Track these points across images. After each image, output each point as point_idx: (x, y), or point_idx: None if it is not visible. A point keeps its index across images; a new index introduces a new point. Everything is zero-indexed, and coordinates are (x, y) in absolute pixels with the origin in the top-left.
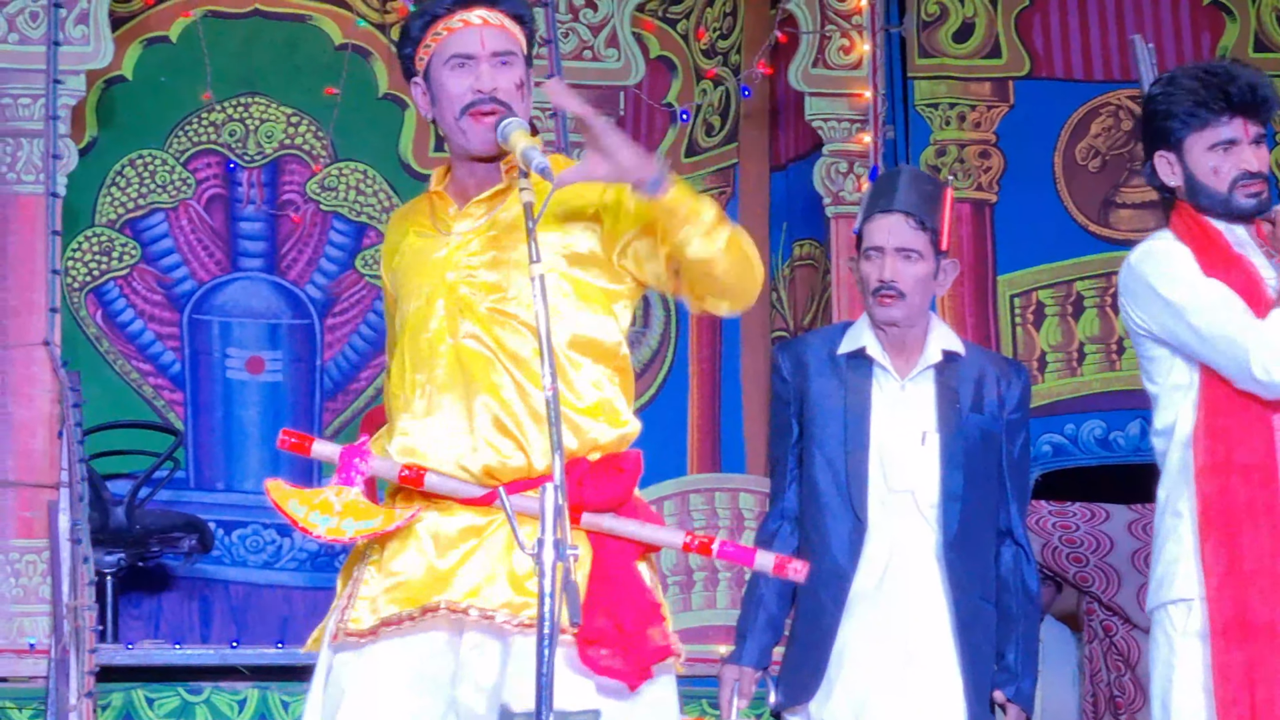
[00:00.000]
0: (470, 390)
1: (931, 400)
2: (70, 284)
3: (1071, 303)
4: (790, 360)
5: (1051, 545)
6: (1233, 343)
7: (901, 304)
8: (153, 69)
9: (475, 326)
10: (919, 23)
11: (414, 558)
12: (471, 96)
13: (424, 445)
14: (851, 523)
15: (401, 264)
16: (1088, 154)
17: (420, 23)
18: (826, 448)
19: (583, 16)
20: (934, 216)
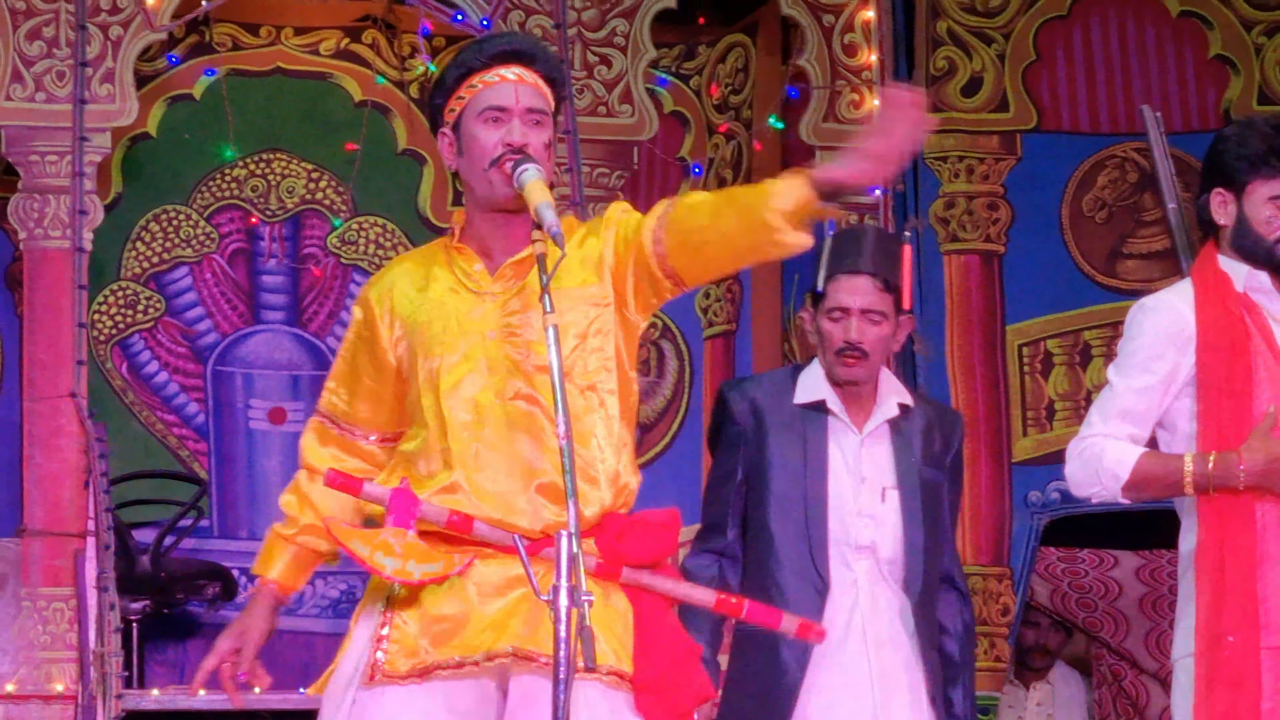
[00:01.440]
0: (520, 448)
1: (889, 456)
2: (96, 337)
3: (1079, 351)
4: (744, 403)
5: (1060, 591)
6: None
7: (865, 364)
8: (176, 126)
9: (524, 386)
10: (928, 77)
11: (457, 604)
12: (502, 149)
13: (476, 499)
14: (814, 581)
15: (424, 316)
16: (1094, 205)
17: (456, 74)
18: (785, 501)
19: (597, 73)
20: (897, 276)
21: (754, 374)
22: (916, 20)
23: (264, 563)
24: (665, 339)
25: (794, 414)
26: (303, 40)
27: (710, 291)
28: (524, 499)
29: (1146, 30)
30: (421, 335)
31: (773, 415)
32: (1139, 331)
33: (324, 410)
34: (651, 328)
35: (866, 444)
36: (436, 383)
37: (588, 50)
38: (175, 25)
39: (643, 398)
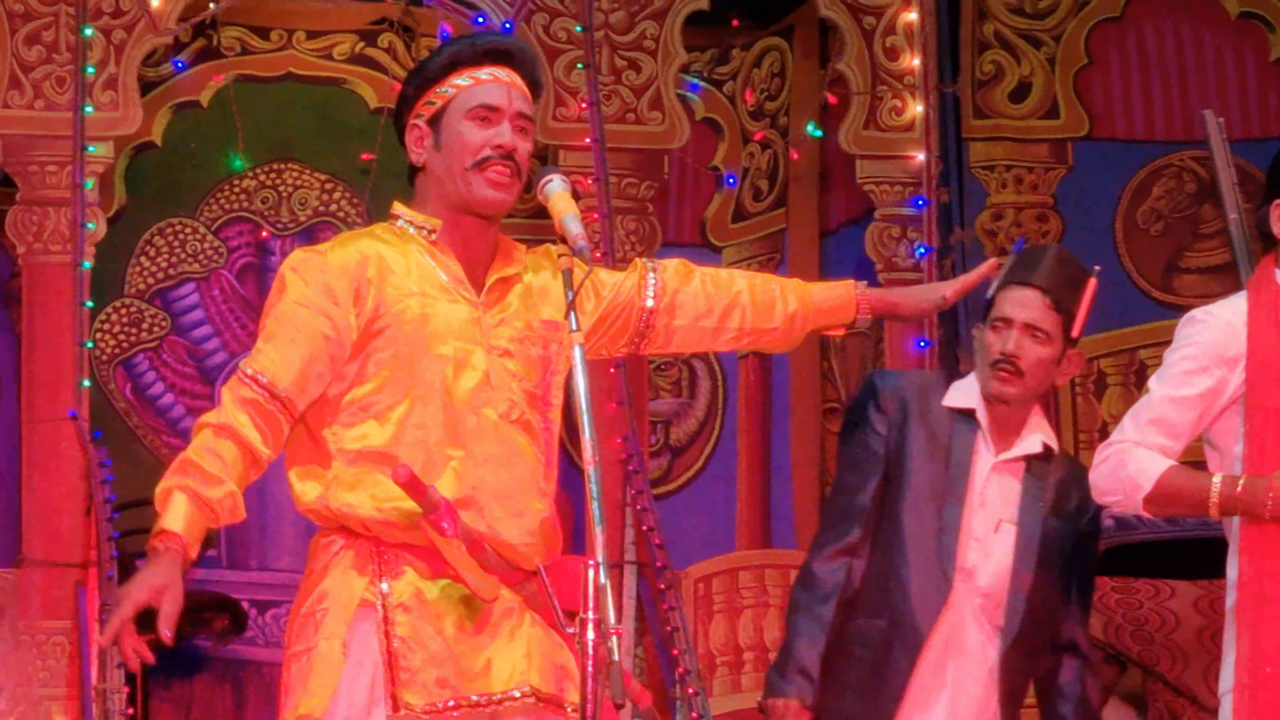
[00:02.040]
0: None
1: (1017, 490)
2: (99, 356)
3: (1134, 371)
4: (892, 395)
5: (1115, 623)
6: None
7: (1018, 383)
8: (183, 135)
9: (525, 410)
10: (974, 82)
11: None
12: (490, 151)
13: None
14: (938, 585)
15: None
16: (1150, 217)
17: (441, 65)
18: (921, 500)
19: (625, 78)
20: (1072, 300)
21: (902, 370)
22: (962, 22)
23: (175, 518)
24: (697, 358)
25: (941, 415)
26: (315, 44)
27: None
28: (523, 526)
29: (1204, 33)
30: (423, 330)
31: (919, 410)
32: (1186, 343)
33: (264, 380)
34: None
35: (998, 470)
36: (449, 390)
37: (616, 54)
38: (181, 29)
39: (673, 420)
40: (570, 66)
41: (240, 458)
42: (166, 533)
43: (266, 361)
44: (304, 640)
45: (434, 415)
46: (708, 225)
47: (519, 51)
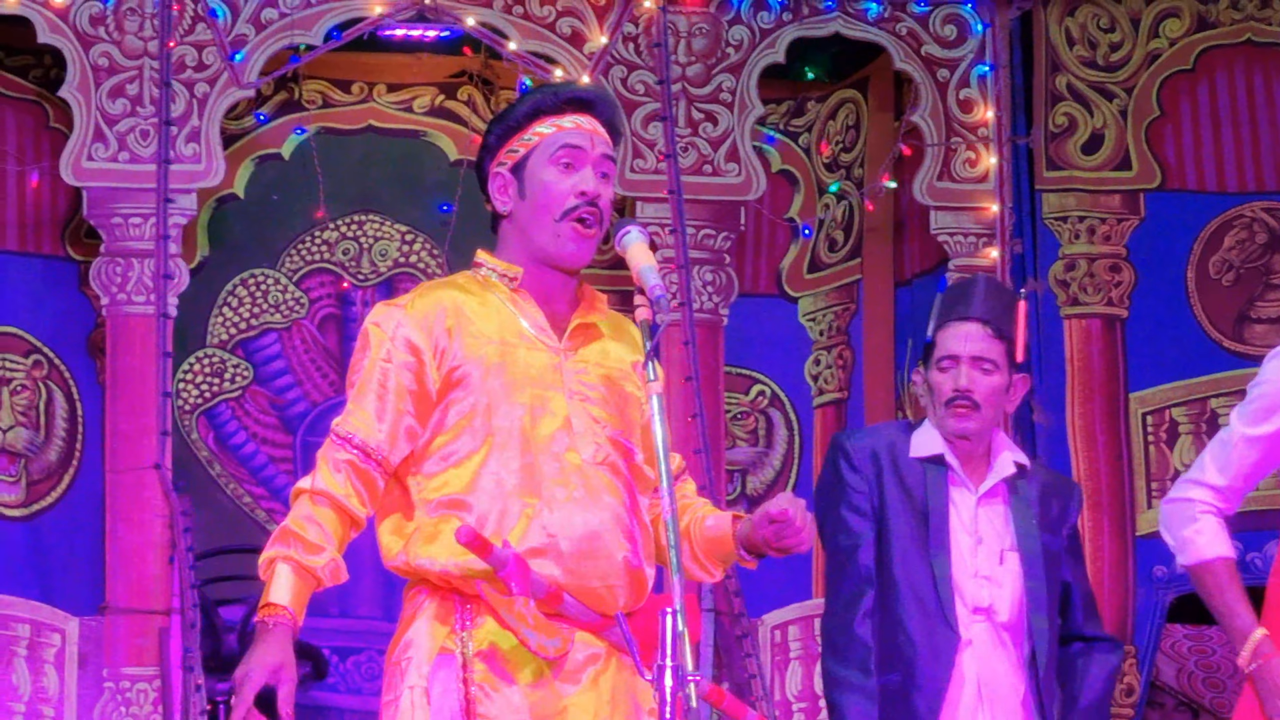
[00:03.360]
0: (613, 518)
1: (1006, 517)
2: (181, 406)
3: (1206, 420)
4: (862, 451)
5: (1187, 670)
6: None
7: (976, 416)
8: (265, 187)
9: (610, 452)
10: (1047, 134)
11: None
12: (575, 200)
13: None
14: (944, 634)
15: (500, 357)
16: (1221, 267)
17: (524, 112)
18: (909, 555)
19: (702, 130)
20: (1010, 326)
21: (865, 427)
22: (1035, 75)
23: (280, 592)
24: (774, 407)
25: (911, 466)
26: (396, 97)
27: (821, 358)
28: (606, 573)
29: (1275, 84)
30: (503, 377)
31: (889, 464)
32: (1266, 379)
33: (357, 440)
34: (760, 395)
35: (983, 503)
36: (527, 435)
37: (693, 107)
38: (263, 82)
39: (750, 469)
40: (648, 119)
41: (339, 522)
42: (273, 605)
43: (358, 422)
44: (392, 689)
45: (511, 462)
46: (784, 276)
47: (600, 99)
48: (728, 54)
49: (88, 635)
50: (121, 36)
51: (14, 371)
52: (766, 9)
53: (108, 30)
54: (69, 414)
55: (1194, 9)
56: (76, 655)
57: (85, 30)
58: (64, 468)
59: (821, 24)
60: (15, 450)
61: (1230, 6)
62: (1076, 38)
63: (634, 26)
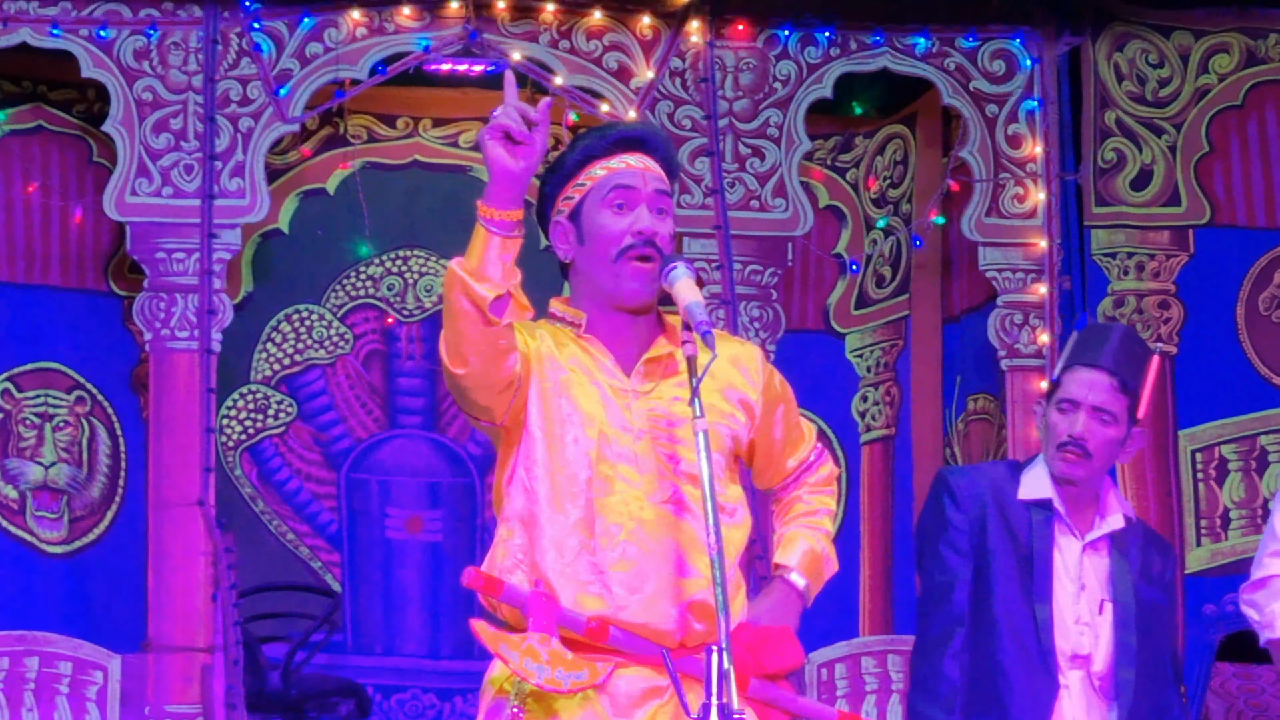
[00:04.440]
0: (672, 553)
1: (1108, 568)
2: (225, 442)
3: (1255, 457)
4: (968, 489)
5: (1236, 709)
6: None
7: (1085, 464)
8: (309, 222)
9: (676, 490)
10: (1095, 170)
11: (594, 718)
12: (631, 239)
13: (619, 603)
14: (1044, 680)
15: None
16: (1271, 303)
17: (576, 159)
18: (1010, 599)
19: (749, 165)
20: (1137, 380)
21: (970, 465)
22: (1084, 111)
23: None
24: (820, 443)
25: (1017, 509)
26: (441, 132)
27: (868, 395)
28: (670, 607)
29: None
30: (572, 404)
31: (996, 507)
32: None
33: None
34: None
35: (1088, 551)
36: (590, 465)
37: (740, 142)
38: (308, 117)
39: None
40: (695, 154)
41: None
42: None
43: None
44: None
45: (577, 494)
46: (831, 312)
47: (650, 136)
48: (775, 89)
49: (130, 672)
50: (165, 71)
51: (57, 408)
52: (814, 44)
53: (152, 65)
54: (112, 450)
55: (1243, 44)
56: (119, 693)
57: (129, 65)
58: (107, 504)
59: (869, 59)
60: (58, 487)
61: (1279, 42)
62: (1125, 73)
63: (681, 61)
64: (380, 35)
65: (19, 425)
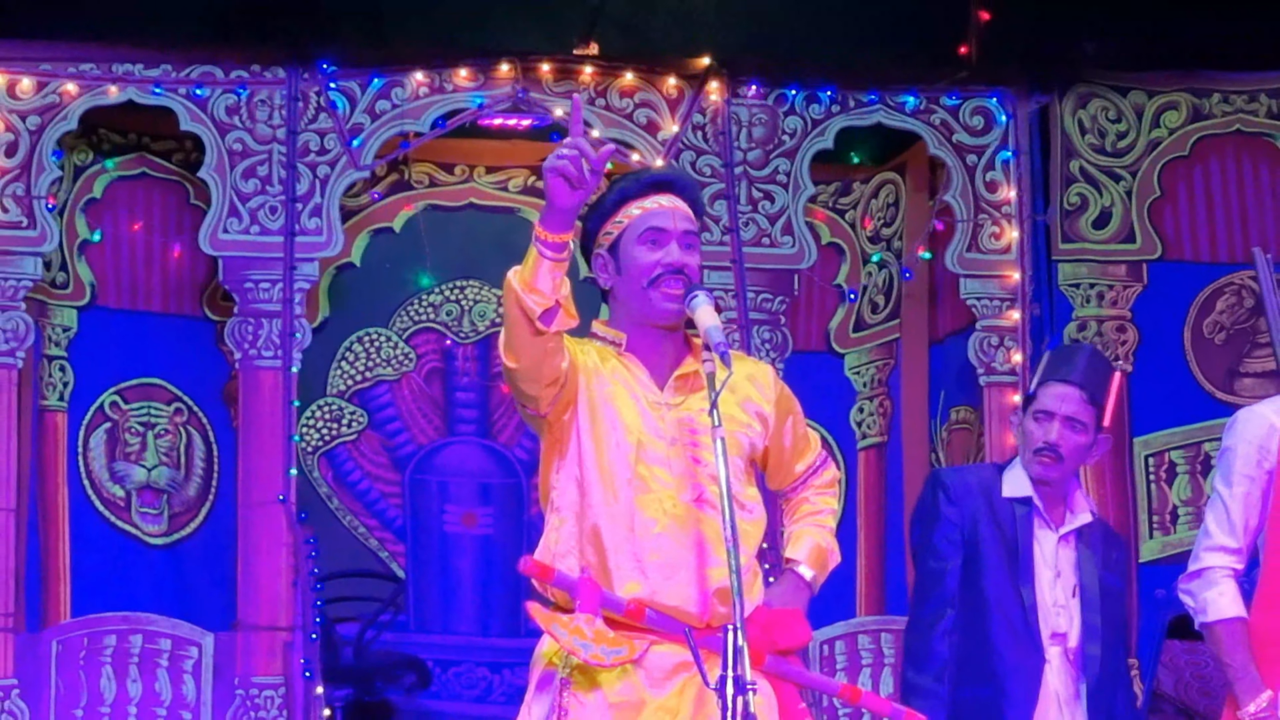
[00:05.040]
0: (697, 544)
1: (1076, 557)
2: (304, 448)
3: (1200, 462)
4: (961, 486)
5: (1184, 680)
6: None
7: (1059, 467)
8: (378, 256)
9: (702, 490)
10: (1062, 212)
11: (630, 689)
12: (662, 269)
13: (654, 588)
14: (1032, 654)
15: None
16: (1214, 328)
17: (613, 200)
18: (1000, 584)
19: (761, 207)
20: (1103, 394)
21: (960, 466)
22: (1052, 160)
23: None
24: (824, 450)
25: (1002, 505)
26: (493, 178)
27: (864, 407)
28: (696, 591)
29: (1261, 169)
30: (612, 412)
31: (982, 501)
32: (1235, 441)
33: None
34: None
35: (1061, 543)
36: (631, 467)
37: (753, 186)
38: (378, 164)
39: None
40: (713, 198)
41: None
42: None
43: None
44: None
45: (621, 493)
46: (832, 335)
47: (679, 179)
48: (783, 141)
49: (222, 649)
50: (253, 124)
51: (158, 418)
52: (817, 101)
53: (241, 119)
54: (206, 455)
55: (1190, 103)
56: (212, 666)
57: (222, 119)
58: (201, 502)
59: (866, 115)
60: (159, 487)
61: (1222, 100)
62: (1088, 127)
63: (702, 117)
64: (440, 94)
65: (125, 433)
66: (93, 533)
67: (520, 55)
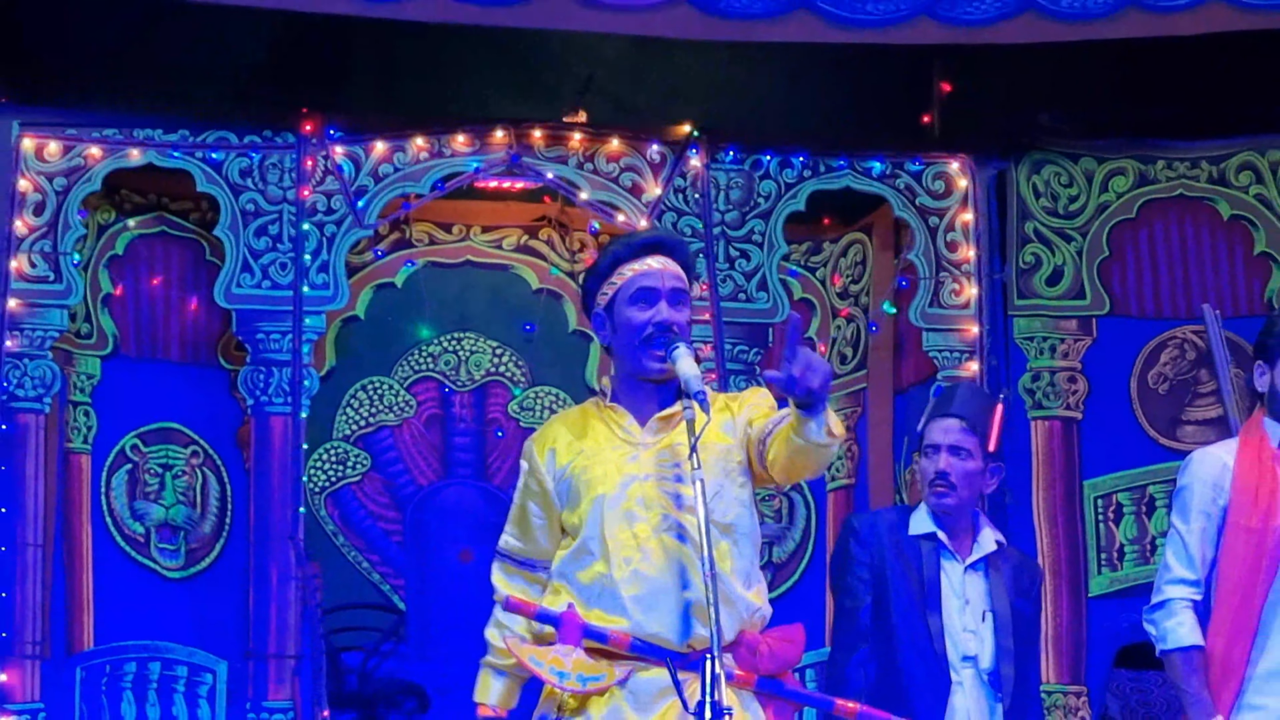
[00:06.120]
0: (675, 573)
1: (986, 584)
2: (312, 488)
3: (1145, 503)
4: (869, 530)
5: (1129, 707)
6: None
7: (953, 494)
8: (381, 310)
9: (676, 521)
10: (1017, 270)
11: (617, 712)
12: (652, 329)
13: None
14: (940, 678)
15: (585, 461)
16: (1158, 379)
17: (608, 263)
18: (909, 615)
19: (738, 265)
20: (984, 423)
21: (871, 510)
22: (1007, 221)
23: (483, 691)
24: (795, 491)
25: (909, 542)
26: (489, 237)
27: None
28: (675, 618)
29: (1202, 231)
30: (584, 476)
31: (890, 542)
32: (1191, 480)
33: (503, 549)
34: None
35: (969, 572)
36: (601, 516)
37: (730, 246)
38: (380, 224)
39: (775, 542)
40: (694, 256)
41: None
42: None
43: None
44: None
45: (594, 542)
46: None
47: (669, 241)
48: (759, 203)
49: (235, 675)
50: (265, 186)
51: (176, 460)
52: (790, 167)
53: (254, 181)
54: (220, 495)
55: (1136, 169)
56: (225, 691)
57: (235, 181)
58: (216, 538)
59: (835, 179)
60: (177, 524)
61: (1166, 167)
62: (1041, 191)
63: (683, 180)
64: (439, 158)
65: (145, 474)
66: (115, 567)
67: (514, 122)
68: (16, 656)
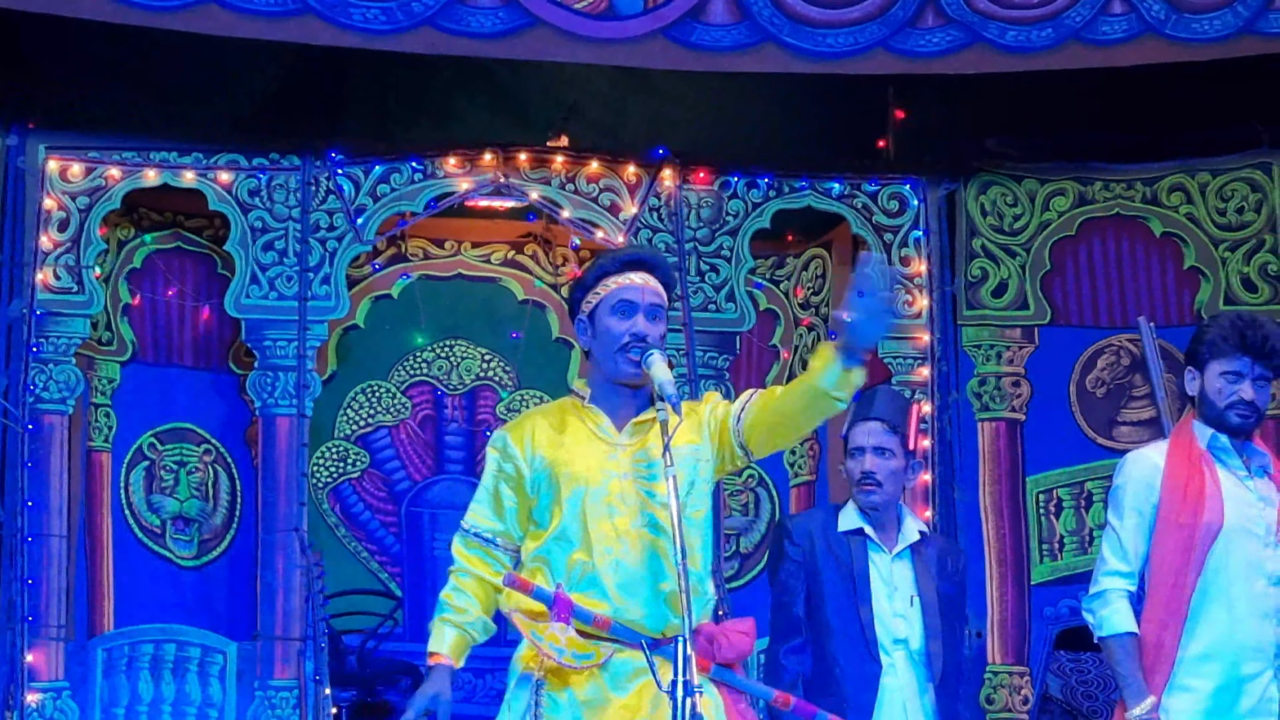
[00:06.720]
0: (648, 565)
1: (913, 571)
2: (315, 484)
3: (1084, 498)
4: (800, 529)
5: (1069, 685)
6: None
7: (880, 491)
8: (379, 319)
9: (652, 516)
10: (966, 283)
11: (596, 689)
12: (628, 338)
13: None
14: (870, 665)
15: (566, 455)
16: (1096, 383)
17: (594, 275)
18: (840, 606)
19: (708, 279)
20: (903, 423)
21: (803, 510)
22: (956, 238)
23: (438, 641)
24: (760, 487)
25: (839, 538)
26: (479, 252)
27: (796, 450)
28: (650, 605)
29: (1137, 247)
30: (564, 469)
31: (821, 540)
32: (1125, 479)
33: (468, 527)
34: (750, 477)
35: (896, 561)
36: (582, 507)
37: (700, 260)
38: (378, 240)
39: (742, 533)
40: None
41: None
42: (434, 654)
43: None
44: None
45: (574, 531)
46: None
47: (650, 258)
48: (727, 221)
49: (244, 656)
50: (272, 205)
51: (190, 457)
52: (757, 188)
53: (262, 200)
54: (230, 489)
55: (1076, 190)
56: (235, 671)
57: (245, 200)
58: (226, 530)
59: (798, 199)
60: (190, 517)
61: (1103, 188)
62: (988, 210)
63: (657, 200)
64: (432, 179)
65: (161, 470)
66: (133, 556)
67: (501, 146)
68: (42, 639)
